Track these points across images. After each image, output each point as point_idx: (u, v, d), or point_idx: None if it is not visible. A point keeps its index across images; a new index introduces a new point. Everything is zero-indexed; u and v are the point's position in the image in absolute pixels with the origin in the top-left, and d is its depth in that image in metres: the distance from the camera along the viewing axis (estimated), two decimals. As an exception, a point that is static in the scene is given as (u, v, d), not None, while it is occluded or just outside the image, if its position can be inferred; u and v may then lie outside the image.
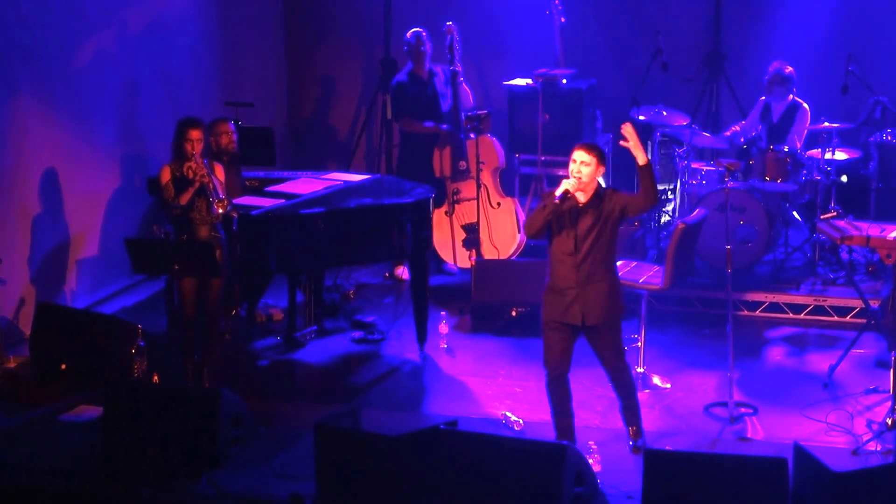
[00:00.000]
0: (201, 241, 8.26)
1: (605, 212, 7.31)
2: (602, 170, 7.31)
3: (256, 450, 7.58)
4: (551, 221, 7.30)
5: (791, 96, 10.64)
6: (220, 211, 8.28)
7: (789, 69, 10.51)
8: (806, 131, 10.45)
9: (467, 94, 10.81)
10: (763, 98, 10.78)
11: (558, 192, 7.22)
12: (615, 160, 11.18)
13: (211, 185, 8.26)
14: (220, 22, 11.82)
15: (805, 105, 10.57)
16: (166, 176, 8.38)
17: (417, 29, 10.77)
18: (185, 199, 8.27)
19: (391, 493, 6.75)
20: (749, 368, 8.92)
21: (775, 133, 10.59)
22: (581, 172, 7.25)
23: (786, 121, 10.64)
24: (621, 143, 7.35)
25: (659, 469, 6.58)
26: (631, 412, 7.63)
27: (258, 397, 8.35)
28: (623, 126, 7.36)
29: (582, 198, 7.31)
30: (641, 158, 7.27)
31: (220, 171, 8.49)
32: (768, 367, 9.10)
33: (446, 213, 10.71)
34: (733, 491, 6.47)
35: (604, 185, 7.46)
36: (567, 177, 7.26)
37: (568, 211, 7.31)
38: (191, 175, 8.26)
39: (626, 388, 7.58)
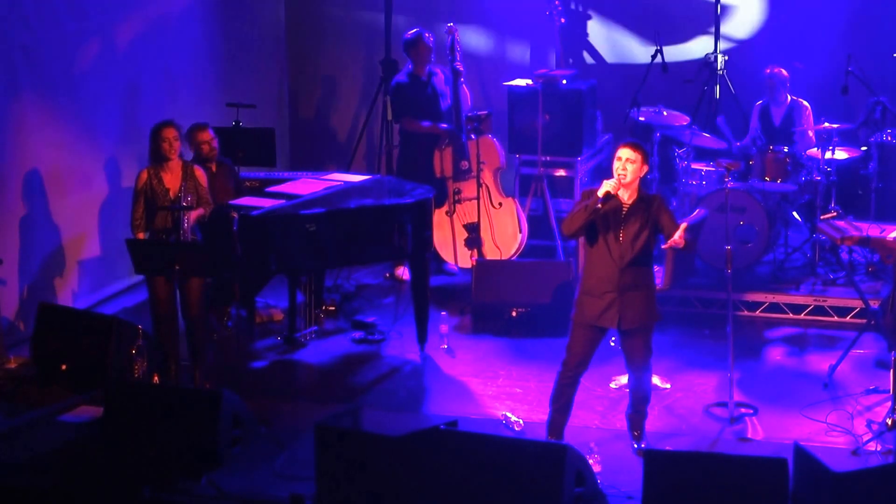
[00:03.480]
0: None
1: (651, 218, 7.25)
2: (646, 169, 7.28)
3: (256, 450, 7.59)
4: (595, 222, 7.24)
5: (788, 97, 10.67)
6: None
7: (783, 72, 10.58)
8: (814, 129, 10.48)
9: (466, 95, 10.81)
10: (759, 102, 10.81)
11: (601, 194, 7.15)
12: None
13: (187, 225, 8.34)
14: (222, 23, 11.83)
15: (804, 102, 10.62)
16: (142, 180, 8.46)
17: (419, 29, 10.76)
18: (142, 227, 8.45)
19: (391, 493, 6.76)
20: (749, 369, 8.93)
21: (778, 135, 10.61)
22: (626, 170, 7.20)
23: (788, 122, 10.67)
24: (664, 247, 7.30)
25: (659, 469, 6.58)
26: (638, 416, 7.63)
27: (258, 397, 8.36)
28: (673, 240, 7.18)
29: (626, 197, 7.26)
30: (682, 244, 7.22)
31: (200, 176, 8.55)
32: (768, 368, 9.10)
33: (447, 212, 10.71)
34: (733, 491, 6.46)
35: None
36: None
37: (612, 213, 7.24)
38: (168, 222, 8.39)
39: (641, 393, 7.57)
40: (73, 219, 9.98)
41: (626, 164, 7.22)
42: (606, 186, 7.19)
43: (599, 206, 7.16)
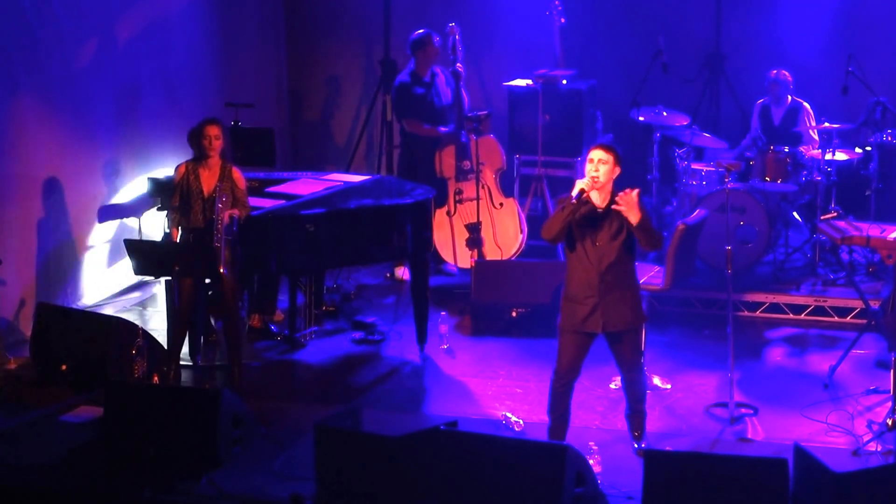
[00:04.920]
0: (201, 242, 8.26)
1: (626, 218, 7.20)
2: (618, 170, 7.23)
3: (256, 450, 7.58)
4: (571, 228, 7.22)
5: (790, 97, 10.67)
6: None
7: (787, 75, 10.59)
8: (815, 129, 10.48)
9: (465, 98, 10.79)
10: (760, 101, 10.81)
11: (574, 192, 7.14)
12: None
13: (221, 226, 8.24)
14: (221, 22, 11.83)
15: (805, 104, 10.62)
16: (179, 174, 8.38)
17: (427, 30, 10.73)
18: (177, 222, 8.28)
19: (391, 493, 6.75)
20: (749, 369, 8.92)
21: (777, 135, 10.61)
22: (599, 171, 7.16)
23: (788, 123, 10.67)
24: (613, 206, 7.14)
25: (659, 469, 6.58)
26: (637, 417, 7.60)
27: (258, 397, 8.35)
28: (623, 193, 7.12)
29: (599, 201, 7.22)
30: (633, 218, 7.11)
31: (238, 178, 8.46)
32: (768, 368, 9.10)
33: (448, 213, 10.70)
34: (733, 491, 6.46)
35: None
36: (571, 178, 7.22)
37: (587, 218, 7.22)
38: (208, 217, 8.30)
39: (637, 393, 7.55)
40: (72, 218, 9.98)
41: (599, 164, 7.18)
42: (580, 185, 7.16)
43: (575, 202, 7.14)
